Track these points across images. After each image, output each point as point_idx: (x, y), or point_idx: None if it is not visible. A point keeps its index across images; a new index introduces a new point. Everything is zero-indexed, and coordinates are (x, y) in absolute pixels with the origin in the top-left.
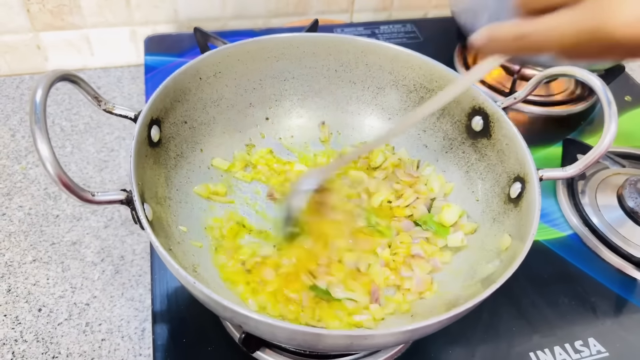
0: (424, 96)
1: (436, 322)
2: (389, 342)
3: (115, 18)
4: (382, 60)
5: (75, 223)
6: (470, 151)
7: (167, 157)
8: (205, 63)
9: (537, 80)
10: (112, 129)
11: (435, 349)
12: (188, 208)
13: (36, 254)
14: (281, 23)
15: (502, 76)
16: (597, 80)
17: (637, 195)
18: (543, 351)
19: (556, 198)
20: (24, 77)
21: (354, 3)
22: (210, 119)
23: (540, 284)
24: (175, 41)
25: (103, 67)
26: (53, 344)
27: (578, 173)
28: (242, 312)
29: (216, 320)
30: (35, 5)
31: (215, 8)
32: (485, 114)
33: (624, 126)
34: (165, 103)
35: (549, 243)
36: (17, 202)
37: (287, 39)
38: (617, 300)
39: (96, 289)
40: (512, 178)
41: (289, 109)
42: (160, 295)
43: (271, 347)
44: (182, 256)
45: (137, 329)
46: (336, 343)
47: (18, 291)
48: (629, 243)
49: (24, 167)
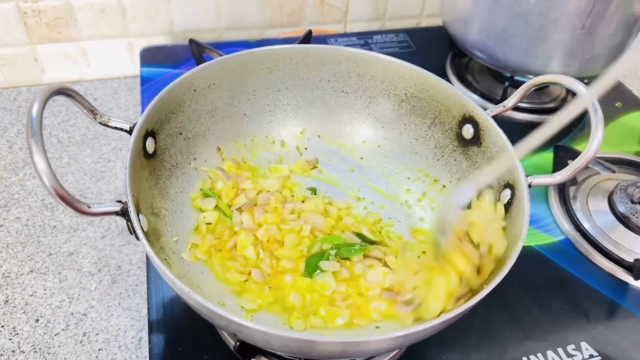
0: (416, 105)
1: (428, 327)
2: (382, 348)
3: (111, 30)
4: (374, 70)
5: (72, 234)
6: (461, 159)
7: (162, 168)
8: (199, 75)
9: (525, 88)
10: (108, 140)
11: (429, 355)
12: (183, 218)
13: (33, 264)
14: (276, 34)
15: (494, 84)
16: (582, 88)
17: (627, 200)
18: (536, 356)
19: (548, 204)
20: (21, 89)
21: (347, 13)
22: (205, 130)
23: (532, 289)
24: (170, 53)
25: (99, 79)
26: (50, 354)
27: (567, 179)
28: (236, 321)
29: (212, 329)
30: (32, 18)
31: (210, 19)
32: (475, 122)
33: (614, 132)
34: (160, 115)
35: (541, 248)
36: (14, 214)
37: (280, 50)
38: (609, 305)
39: (93, 299)
40: (502, 185)
41: (282, 119)
42: (156, 305)
43: (266, 354)
44: (177, 265)
45: (134, 338)
46: (330, 350)
47: (15, 302)
48: (620, 247)
49: (21, 178)
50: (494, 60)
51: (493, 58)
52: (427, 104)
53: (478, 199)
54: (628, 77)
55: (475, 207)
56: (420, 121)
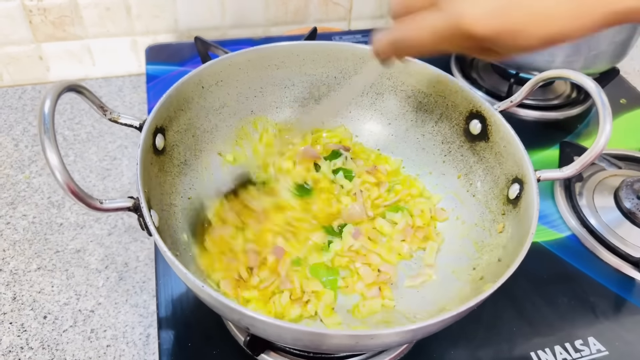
0: (422, 101)
1: (438, 321)
2: (394, 341)
3: (116, 28)
4: (380, 66)
5: (79, 231)
6: (468, 154)
7: (171, 165)
8: (207, 72)
9: (532, 83)
10: (114, 138)
11: (438, 350)
12: (193, 214)
13: (41, 262)
14: (280, 31)
15: (499, 81)
16: (591, 83)
17: (633, 196)
18: (544, 351)
19: (554, 200)
20: (27, 87)
21: (351, 11)
22: (213, 126)
23: (539, 284)
24: (175, 50)
25: (104, 77)
26: (59, 350)
27: (575, 173)
28: (249, 314)
29: (221, 324)
30: (37, 16)
31: (215, 17)
32: (483, 117)
33: (619, 128)
34: (169, 112)
35: (548, 244)
36: (21, 211)
37: (287, 47)
38: (616, 300)
39: (101, 296)
40: (511, 180)
41: (289, 116)
42: (165, 301)
43: (276, 349)
44: (188, 260)
45: (142, 334)
46: (342, 343)
47: (23, 299)
48: (626, 243)
49: (28, 176)
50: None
51: None
52: (433, 100)
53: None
54: (632, 74)
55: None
56: (427, 117)
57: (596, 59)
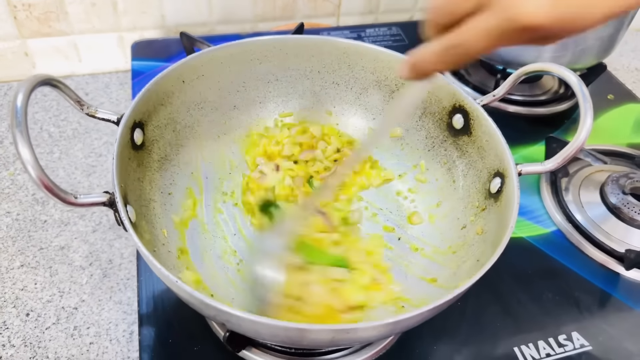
0: None
1: (418, 314)
2: (372, 335)
3: (102, 24)
4: (364, 61)
5: (63, 228)
6: (451, 149)
7: (150, 160)
8: (188, 66)
9: (515, 77)
10: (100, 135)
11: (421, 345)
12: (172, 210)
13: (24, 259)
14: (268, 27)
15: (486, 76)
16: (572, 76)
17: (619, 191)
18: (527, 346)
19: (540, 195)
20: (12, 84)
21: (340, 6)
22: (194, 121)
23: (524, 280)
24: (162, 46)
25: (91, 73)
26: (41, 348)
27: (556, 167)
28: (225, 310)
29: (202, 321)
30: (22, 12)
31: (202, 13)
32: (465, 111)
33: (606, 124)
34: (148, 106)
35: (533, 239)
36: (4, 208)
37: (269, 41)
38: (601, 295)
39: (84, 293)
40: (492, 173)
41: (272, 111)
42: (146, 297)
43: (257, 346)
44: (166, 257)
45: (125, 331)
46: (319, 338)
47: (6, 296)
48: (611, 238)
49: (12, 173)
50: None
51: None
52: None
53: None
54: (621, 70)
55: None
56: (411, 112)
57: (583, 54)
